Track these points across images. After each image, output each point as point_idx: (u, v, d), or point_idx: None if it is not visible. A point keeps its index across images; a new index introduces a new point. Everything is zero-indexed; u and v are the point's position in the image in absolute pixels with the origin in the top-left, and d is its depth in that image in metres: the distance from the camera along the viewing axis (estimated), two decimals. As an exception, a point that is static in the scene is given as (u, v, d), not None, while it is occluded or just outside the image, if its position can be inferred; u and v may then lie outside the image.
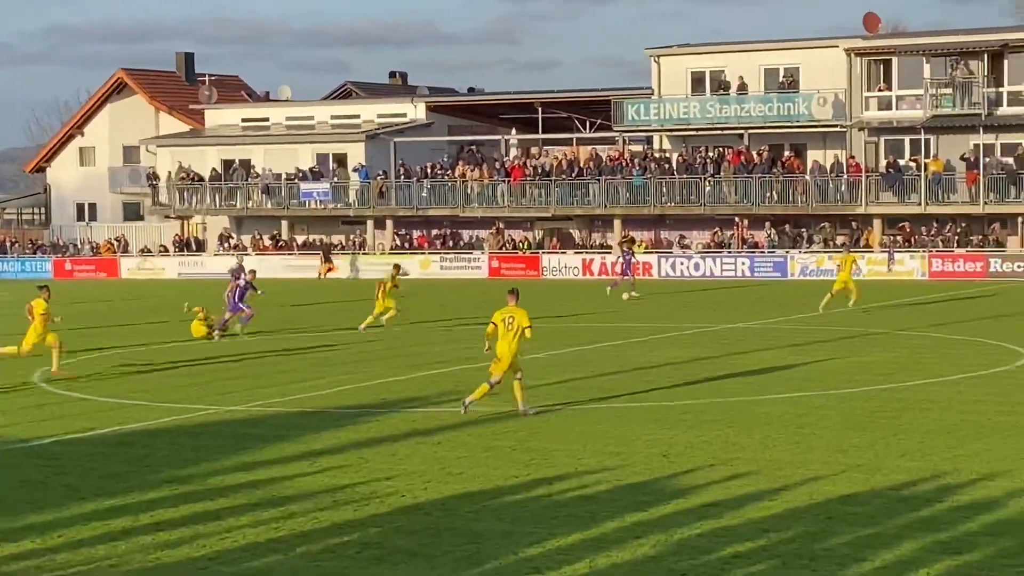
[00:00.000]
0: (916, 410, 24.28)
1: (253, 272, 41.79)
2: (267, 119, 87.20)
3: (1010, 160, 63.32)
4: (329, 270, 73.78)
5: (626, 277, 52.89)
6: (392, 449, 21.53)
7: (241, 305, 39.66)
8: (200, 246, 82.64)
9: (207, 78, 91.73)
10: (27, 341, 31.27)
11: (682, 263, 67.74)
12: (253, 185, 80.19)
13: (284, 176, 79.64)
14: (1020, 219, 63.34)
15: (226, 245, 79.32)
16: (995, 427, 22.35)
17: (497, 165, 75.91)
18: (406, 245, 76.61)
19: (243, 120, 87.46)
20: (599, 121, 77.77)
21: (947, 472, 18.84)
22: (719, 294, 56.29)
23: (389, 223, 77.47)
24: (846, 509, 16.83)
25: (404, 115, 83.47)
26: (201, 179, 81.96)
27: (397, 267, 44.73)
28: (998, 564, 14.20)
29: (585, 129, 79.61)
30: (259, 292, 41.04)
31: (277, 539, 15.70)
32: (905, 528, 15.81)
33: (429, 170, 76.84)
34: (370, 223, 77.94)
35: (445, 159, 78.06)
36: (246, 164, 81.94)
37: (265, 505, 17.44)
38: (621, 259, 54.85)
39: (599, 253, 70.74)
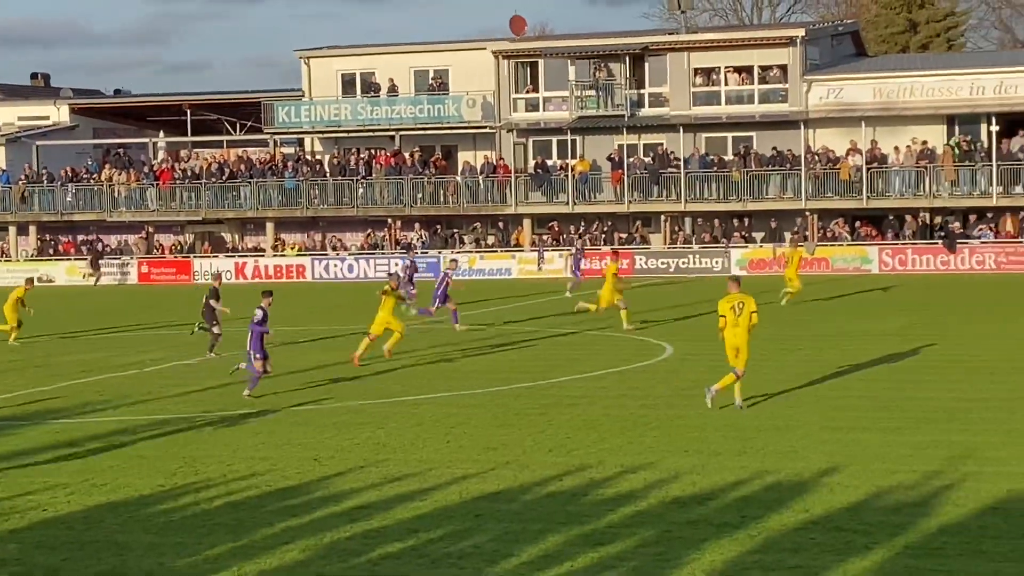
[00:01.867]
0: (563, 406, 24.77)
1: None
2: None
3: (651, 159, 65.43)
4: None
5: (576, 277, 51.24)
6: (34, 462, 20.75)
7: None
8: None
9: None
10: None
11: (336, 265, 67.60)
12: None
13: (-83, 181, 76.01)
14: (663, 217, 65.53)
15: None
16: (637, 421, 22.98)
17: (145, 169, 74.26)
18: (51, 251, 74.17)
19: None
20: (250, 123, 76.93)
21: (591, 466, 19.28)
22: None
23: (32, 229, 74.89)
24: (494, 506, 17.02)
25: (47, 118, 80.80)
26: None
27: (30, 281, 43.07)
28: (639, 554, 14.59)
29: (236, 131, 78.63)
30: None
31: (-95, 563, 14.90)
32: (551, 522, 16.08)
33: (73, 174, 74.58)
34: (12, 229, 75.17)
35: (91, 163, 75.84)
36: None
37: None
38: (572, 259, 52.96)
39: (252, 256, 69.97)
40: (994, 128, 60.18)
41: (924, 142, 62.05)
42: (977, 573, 13.77)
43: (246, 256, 70.12)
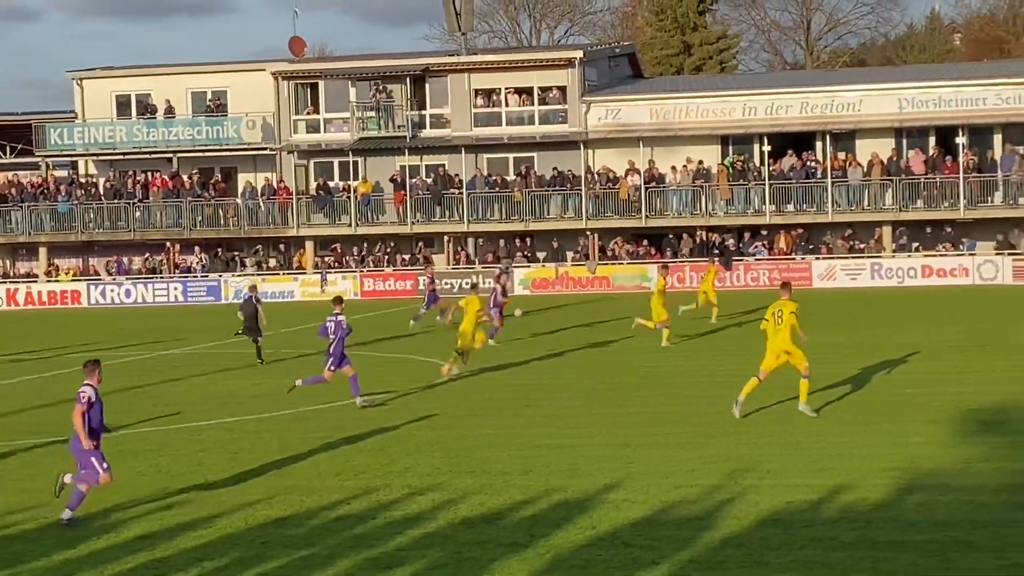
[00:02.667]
0: (351, 429, 24.56)
1: None
2: None
3: (434, 181, 65.53)
4: None
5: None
6: None
7: None
8: None
9: None
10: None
11: (112, 290, 66.17)
12: None
13: None
14: (446, 238, 65.69)
15: None
16: (423, 442, 22.90)
17: (-90, 192, 71.77)
18: None
19: None
20: (20, 146, 74.89)
21: (379, 489, 19.14)
22: (152, 320, 55.31)
23: None
24: (282, 532, 16.77)
25: None
26: None
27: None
28: (429, 576, 14.52)
29: (5, 154, 76.48)
30: None
31: None
32: (339, 547, 15.91)
33: None
34: None
35: None
36: None
37: None
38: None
39: (24, 283, 68.07)
40: (766, 148, 61.73)
41: (700, 162, 63.34)
42: (761, 584, 14.02)
43: (18, 283, 68.20)
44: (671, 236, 62.93)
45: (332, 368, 27.34)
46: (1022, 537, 15.44)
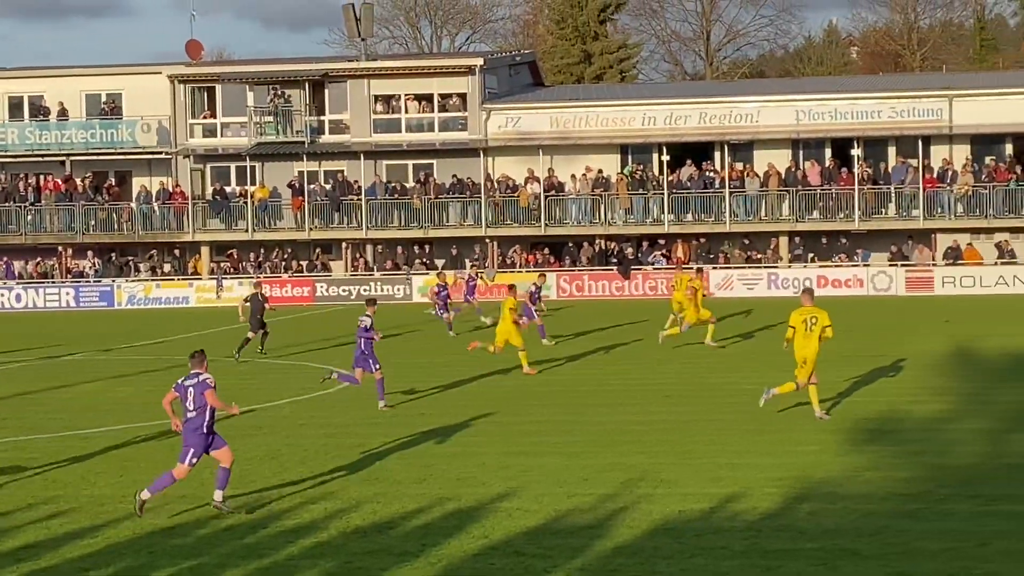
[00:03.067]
0: (242, 437, 24.26)
1: None
2: None
3: (332, 187, 65.19)
4: None
5: (469, 301, 48.21)
6: None
7: None
8: None
9: None
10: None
11: (2, 294, 65.09)
12: None
13: None
14: (344, 244, 65.38)
15: None
16: (318, 450, 22.73)
17: None
18: None
19: None
20: (-90, 147, 73.43)
21: (271, 498, 18.94)
22: (43, 326, 54.52)
23: None
24: (169, 542, 16.55)
25: None
26: None
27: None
28: (319, 586, 14.36)
29: None
30: None
31: None
32: (229, 556, 15.72)
33: None
34: None
35: None
36: None
37: None
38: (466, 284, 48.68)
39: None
40: (665, 158, 62.09)
41: (599, 171, 63.59)
42: (652, 593, 14.02)
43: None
44: (570, 245, 63.08)
45: (378, 367, 27.47)
46: (908, 546, 15.59)
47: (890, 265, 58.59)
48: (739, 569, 14.83)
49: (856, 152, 60.36)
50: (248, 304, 39.61)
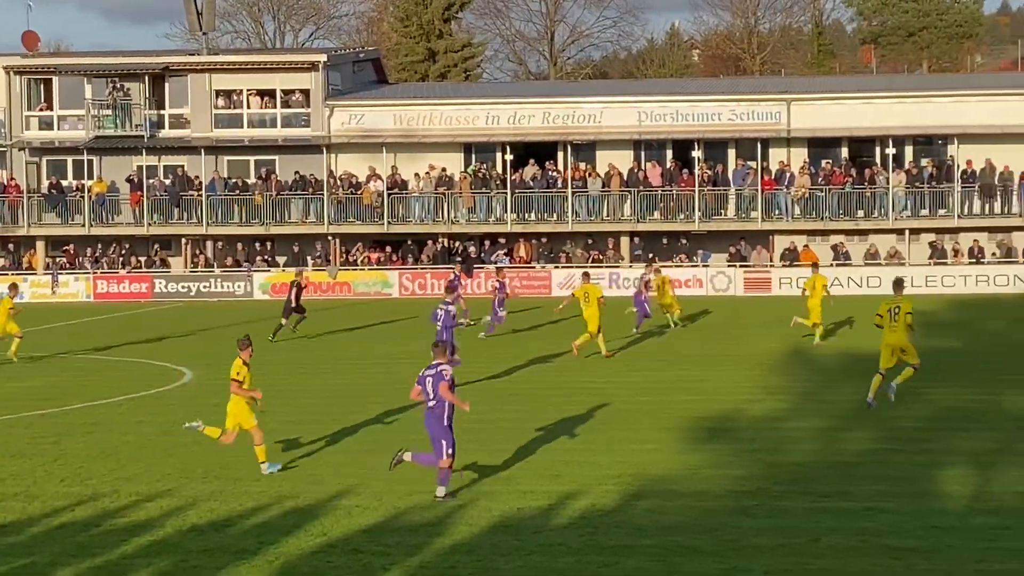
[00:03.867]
0: (78, 434, 23.91)
1: None
2: None
3: (172, 182, 64.29)
4: None
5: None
6: None
7: None
8: None
9: None
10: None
11: None
12: None
13: None
14: (184, 240, 64.52)
15: None
16: (155, 447, 22.44)
17: None
18: None
19: None
20: None
21: (106, 495, 18.67)
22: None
23: None
24: (2, 540, 16.21)
25: None
26: None
27: (14, 287, 39.23)
28: (154, 585, 14.18)
29: None
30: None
31: None
32: (61, 555, 15.45)
33: None
34: None
35: None
36: None
37: None
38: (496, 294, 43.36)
39: None
40: (508, 157, 62.31)
41: (443, 169, 63.59)
42: (490, 590, 14.08)
43: None
44: (409, 243, 62.96)
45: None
46: (743, 542, 15.84)
47: (729, 266, 59.45)
48: (576, 566, 14.95)
49: (697, 154, 61.16)
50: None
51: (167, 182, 64.68)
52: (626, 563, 15.01)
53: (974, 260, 57.97)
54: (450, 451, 18.25)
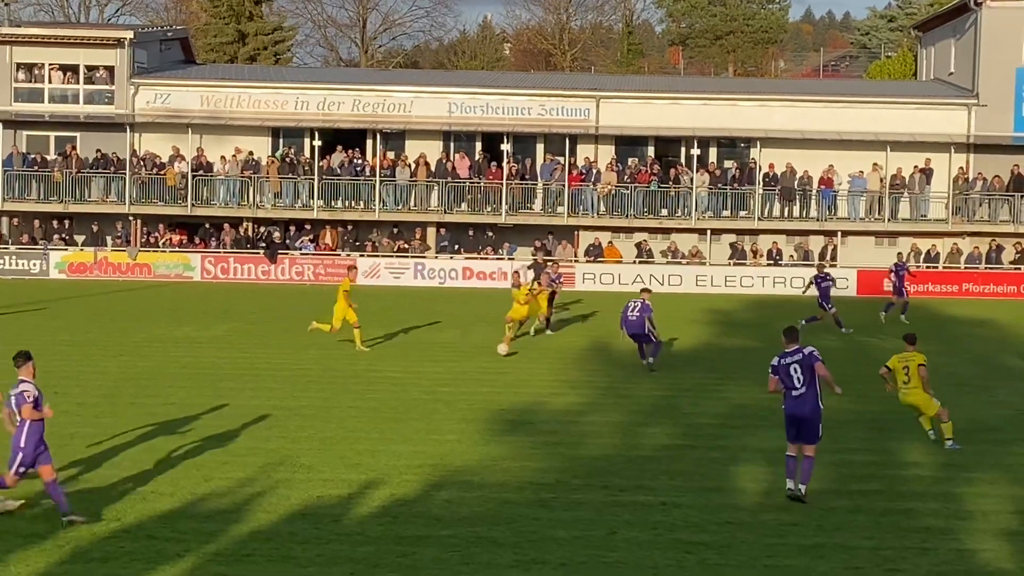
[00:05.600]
0: None
1: None
2: None
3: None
4: None
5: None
6: None
7: None
8: None
9: None
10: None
11: None
12: None
13: None
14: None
15: None
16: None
17: None
18: None
19: None
20: None
21: None
22: None
23: None
24: None
25: None
26: None
27: (352, 268, 38.57)
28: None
29: None
30: None
31: None
32: None
33: None
34: None
35: None
36: None
37: None
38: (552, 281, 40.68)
39: None
40: (317, 143, 61.86)
41: (250, 152, 62.84)
42: (285, 578, 13.97)
43: None
44: (207, 226, 61.99)
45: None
46: (540, 534, 15.97)
47: (534, 259, 59.83)
48: (375, 555, 14.92)
49: (505, 147, 61.44)
50: None
51: (-37, 155, 62.82)
52: (424, 553, 15.02)
53: (772, 262, 59.26)
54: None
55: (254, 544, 15.17)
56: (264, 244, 60.36)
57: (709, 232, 60.98)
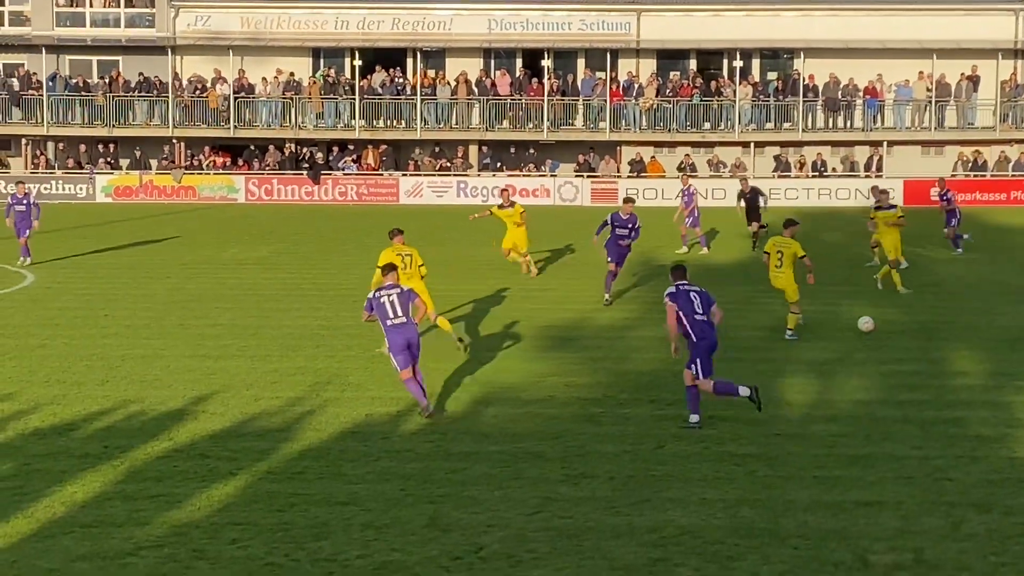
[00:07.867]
0: (-87, 337, 23.37)
1: None
2: None
3: (13, 80, 62.69)
4: None
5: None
6: None
7: None
8: None
9: None
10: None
11: None
12: None
13: None
14: (24, 141, 62.98)
15: None
16: (-5, 351, 22.04)
17: None
18: None
19: None
20: None
21: (-56, 400, 18.31)
22: None
23: None
24: None
25: None
26: None
27: (506, 192, 35.68)
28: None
29: None
30: None
31: None
32: (-102, 461, 15.13)
33: None
34: None
35: None
36: None
37: None
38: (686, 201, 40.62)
39: None
40: (357, 63, 61.71)
41: (291, 73, 62.79)
42: (334, 494, 14.09)
43: None
44: (252, 147, 62.09)
45: None
46: (588, 448, 16.06)
47: (576, 176, 59.70)
48: (425, 471, 15.04)
49: (546, 63, 61.13)
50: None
51: (10, 80, 63.04)
52: (473, 469, 15.13)
53: (817, 173, 58.91)
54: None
55: (305, 462, 15.32)
56: (307, 165, 60.42)
57: (752, 145, 60.65)
